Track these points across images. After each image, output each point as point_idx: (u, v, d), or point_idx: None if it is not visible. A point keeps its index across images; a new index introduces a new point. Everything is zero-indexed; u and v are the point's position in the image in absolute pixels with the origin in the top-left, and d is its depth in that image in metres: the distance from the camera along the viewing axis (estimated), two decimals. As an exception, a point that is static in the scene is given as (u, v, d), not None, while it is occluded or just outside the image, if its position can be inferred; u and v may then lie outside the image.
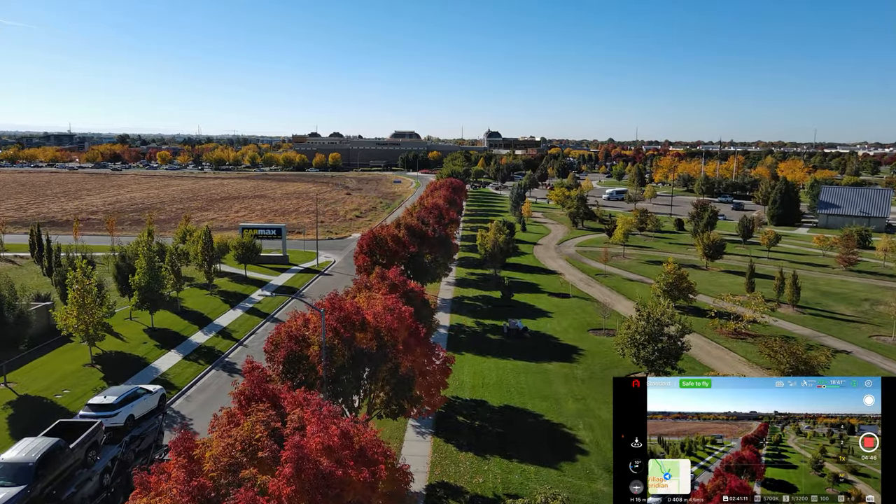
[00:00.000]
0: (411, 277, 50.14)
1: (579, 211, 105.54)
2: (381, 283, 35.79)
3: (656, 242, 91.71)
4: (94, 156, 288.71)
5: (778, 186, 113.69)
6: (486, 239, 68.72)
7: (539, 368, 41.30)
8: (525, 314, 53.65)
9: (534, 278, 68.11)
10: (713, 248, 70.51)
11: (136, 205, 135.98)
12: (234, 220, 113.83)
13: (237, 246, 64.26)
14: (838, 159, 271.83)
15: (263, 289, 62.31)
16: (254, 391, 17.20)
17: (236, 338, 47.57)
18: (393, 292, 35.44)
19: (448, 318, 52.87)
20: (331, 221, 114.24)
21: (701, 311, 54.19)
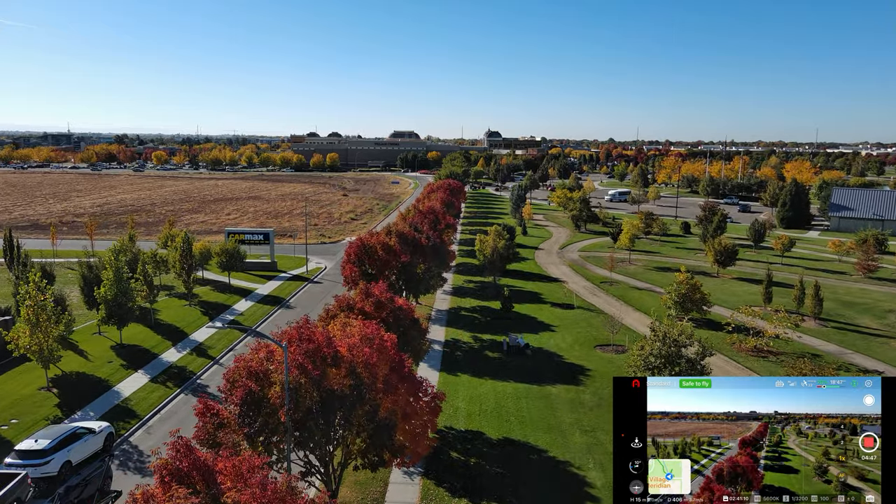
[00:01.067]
0: (403, 290, 46.25)
1: (582, 214, 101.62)
2: (366, 301, 31.97)
3: (663, 247, 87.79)
4: (88, 156, 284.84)
5: (788, 188, 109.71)
6: (484, 245, 64.87)
7: (542, 392, 37.39)
8: (526, 327, 49.79)
9: (535, 286, 64.19)
10: (725, 254, 66.57)
11: (126, 206, 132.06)
12: (224, 223, 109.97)
13: (220, 252, 60.37)
14: (842, 160, 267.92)
15: (247, 298, 58.40)
16: (179, 465, 13.31)
17: (212, 355, 43.67)
18: (379, 311, 31.63)
19: (443, 332, 48.96)
20: (324, 224, 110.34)
21: (716, 325, 50.31)
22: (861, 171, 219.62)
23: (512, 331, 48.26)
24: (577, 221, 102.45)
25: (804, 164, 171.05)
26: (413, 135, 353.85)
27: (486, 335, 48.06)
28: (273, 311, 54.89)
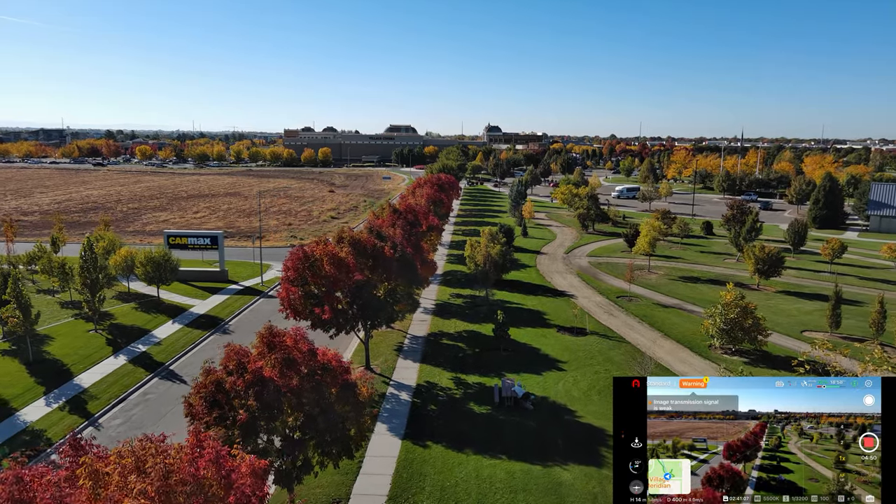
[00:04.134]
0: (352, 322, 34.30)
1: (590, 212, 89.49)
2: (270, 354, 20.18)
3: (685, 251, 75.74)
4: (70, 151, 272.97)
5: (822, 184, 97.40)
6: (476, 251, 52.99)
7: (549, 481, 25.44)
8: (526, 364, 37.88)
9: (538, 303, 52.22)
10: (769, 262, 54.62)
11: (88, 204, 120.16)
12: (188, 223, 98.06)
13: (145, 262, 48.45)
14: (853, 155, 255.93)
15: (176, 320, 46.47)
16: None
17: (91, 411, 31.75)
18: (290, 369, 19.87)
19: (416, 370, 37.04)
20: (300, 224, 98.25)
21: (775, 361, 38.41)
22: (880, 165, 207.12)
23: (507, 370, 36.38)
24: (584, 221, 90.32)
25: (826, 158, 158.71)
26: (410, 129, 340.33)
27: (472, 377, 36.09)
28: (202, 339, 42.99)
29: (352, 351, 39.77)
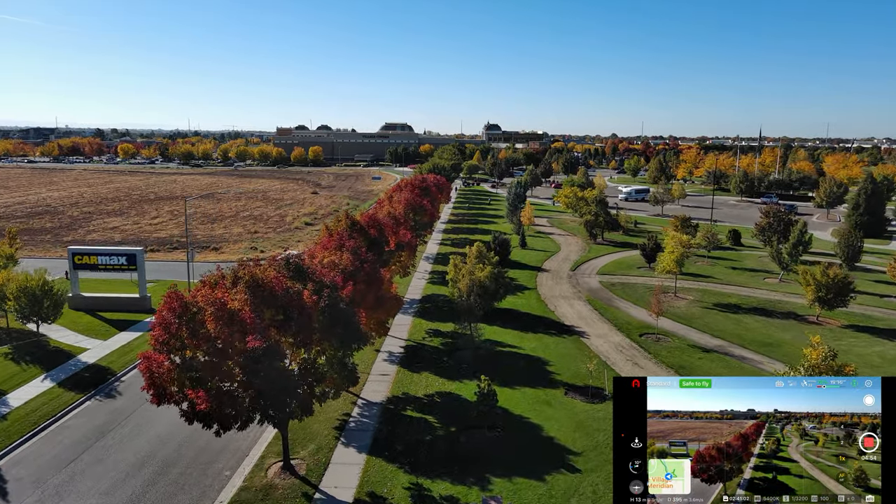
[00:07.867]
0: (248, 413, 22.33)
1: (599, 219, 77.35)
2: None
3: (713, 267, 63.70)
4: (50, 149, 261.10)
5: (862, 186, 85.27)
6: (459, 273, 41.10)
7: None
8: (522, 457, 25.93)
9: (539, 344, 40.18)
10: (836, 289, 42.68)
11: (39, 207, 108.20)
12: (140, 229, 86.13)
13: (17, 294, 36.45)
14: (866, 153, 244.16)
15: (51, 373, 34.43)
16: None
17: None
18: None
19: (359, 470, 25.03)
20: (268, 232, 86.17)
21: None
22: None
23: (494, 469, 24.42)
24: (591, 229, 78.17)
25: (851, 157, 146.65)
26: (406, 127, 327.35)
27: (441, 484, 24.04)
28: (70, 407, 30.99)
29: (271, 435, 27.77)
